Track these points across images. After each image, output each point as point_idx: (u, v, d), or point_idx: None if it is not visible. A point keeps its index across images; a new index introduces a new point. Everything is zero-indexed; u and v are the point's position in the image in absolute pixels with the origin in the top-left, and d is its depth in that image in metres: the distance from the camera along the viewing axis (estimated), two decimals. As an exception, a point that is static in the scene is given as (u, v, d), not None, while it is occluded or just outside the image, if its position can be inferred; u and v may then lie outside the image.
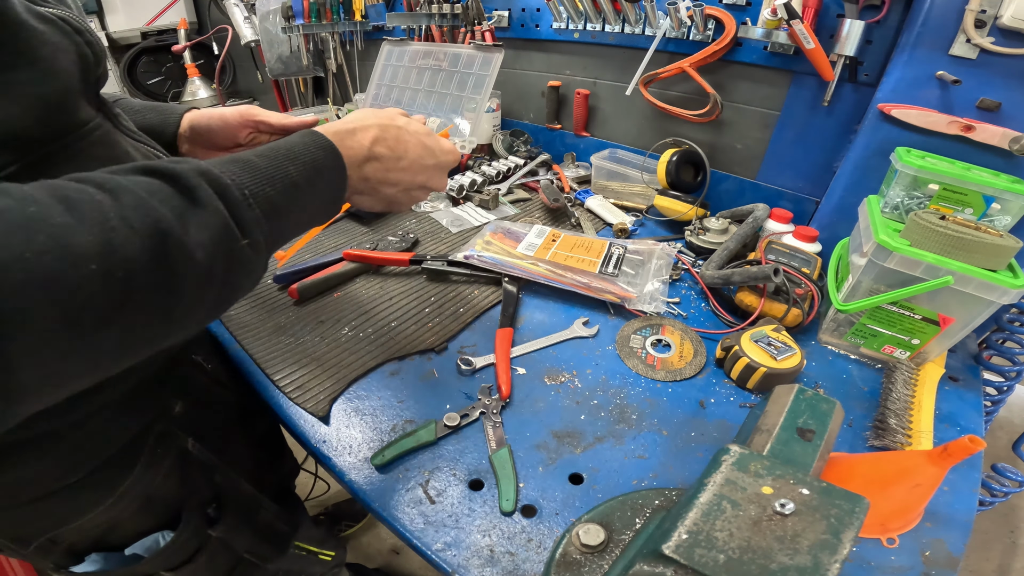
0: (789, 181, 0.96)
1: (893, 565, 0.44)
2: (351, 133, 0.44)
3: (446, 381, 0.61)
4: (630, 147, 1.15)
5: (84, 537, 0.51)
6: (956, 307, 0.59)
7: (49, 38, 0.33)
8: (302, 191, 0.37)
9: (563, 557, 0.41)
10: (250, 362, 0.63)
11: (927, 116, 0.69)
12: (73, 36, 0.36)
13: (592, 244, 0.84)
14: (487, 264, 0.77)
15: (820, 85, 0.84)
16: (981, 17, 0.62)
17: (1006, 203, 0.62)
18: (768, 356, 0.59)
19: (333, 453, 0.52)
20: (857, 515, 0.31)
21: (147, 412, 0.52)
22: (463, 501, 0.48)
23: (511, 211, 1.02)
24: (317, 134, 0.41)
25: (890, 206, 0.68)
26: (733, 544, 0.31)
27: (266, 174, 0.35)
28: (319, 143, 0.40)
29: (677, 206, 0.94)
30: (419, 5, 1.29)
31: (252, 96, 2.11)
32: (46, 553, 0.50)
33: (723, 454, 0.37)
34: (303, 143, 0.39)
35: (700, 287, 0.79)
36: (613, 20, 1.02)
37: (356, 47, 1.50)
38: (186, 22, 1.84)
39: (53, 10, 0.35)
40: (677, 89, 1.02)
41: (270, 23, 1.51)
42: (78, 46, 0.36)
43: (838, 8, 0.78)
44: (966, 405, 0.61)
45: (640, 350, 0.66)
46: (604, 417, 0.57)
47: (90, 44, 0.37)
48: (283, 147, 0.38)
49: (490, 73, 1.09)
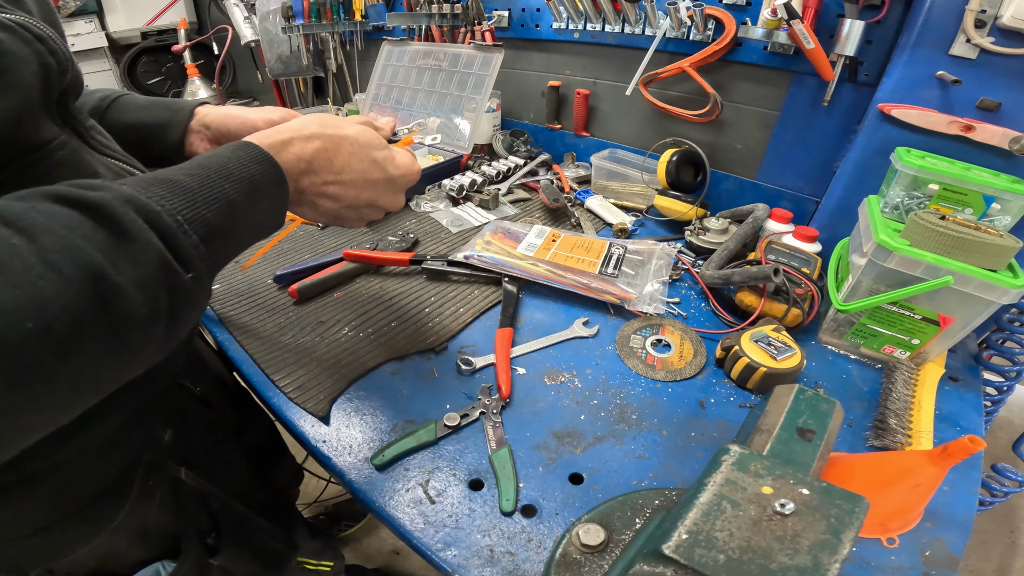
0: (789, 181, 0.96)
1: (893, 565, 0.44)
2: (287, 143, 0.40)
3: (446, 381, 0.61)
4: (630, 147, 1.15)
5: (82, 568, 0.50)
6: (956, 307, 0.59)
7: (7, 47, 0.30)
8: (241, 210, 0.34)
9: (563, 557, 0.41)
10: (250, 362, 0.63)
11: (927, 116, 0.69)
12: (34, 44, 0.32)
13: (592, 244, 0.84)
14: (487, 264, 0.77)
15: (820, 85, 0.84)
16: (981, 17, 0.62)
17: (1006, 203, 0.62)
18: (768, 356, 0.59)
19: (333, 453, 0.52)
20: (857, 515, 0.31)
21: (135, 444, 0.50)
22: (463, 501, 0.48)
23: (511, 211, 1.02)
24: (252, 146, 0.38)
25: (890, 206, 0.68)
26: (733, 544, 0.31)
27: (200, 195, 0.32)
28: (255, 156, 0.37)
29: (677, 206, 0.94)
30: (419, 5, 1.29)
31: (252, 96, 2.11)
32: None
33: (723, 454, 0.37)
34: (237, 157, 0.36)
35: (700, 287, 0.79)
36: (613, 20, 1.02)
37: (356, 47, 1.50)
38: (186, 22, 1.85)
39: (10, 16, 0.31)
40: (677, 89, 1.02)
41: (270, 23, 1.51)
42: (40, 55, 0.32)
43: (838, 8, 0.78)
44: (966, 405, 0.61)
45: (640, 350, 0.66)
46: (604, 417, 0.57)
47: (53, 52, 0.33)
48: (215, 163, 0.35)
49: (490, 73, 1.09)
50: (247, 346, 0.65)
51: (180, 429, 0.56)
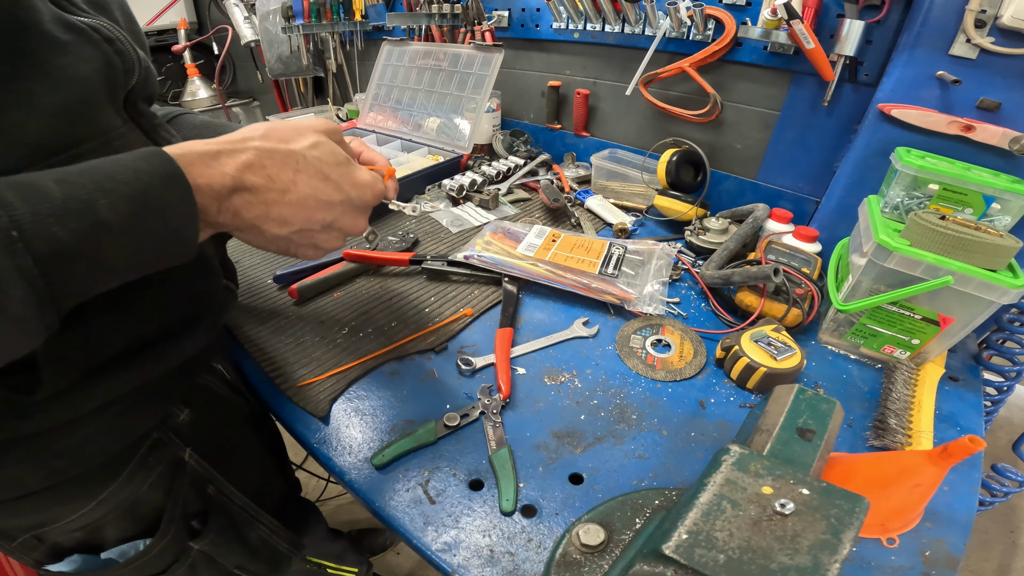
0: (789, 181, 0.96)
1: (893, 565, 0.44)
2: (214, 156, 0.35)
3: (446, 381, 0.61)
4: (630, 147, 1.15)
5: (68, 537, 0.50)
6: (956, 307, 0.59)
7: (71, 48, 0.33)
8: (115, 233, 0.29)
9: (563, 557, 0.41)
10: (250, 362, 0.63)
11: (927, 116, 0.69)
12: (102, 45, 0.35)
13: (592, 244, 0.84)
14: (487, 264, 0.77)
15: (820, 85, 0.84)
16: (981, 17, 0.62)
17: (1006, 203, 0.62)
18: (768, 356, 0.59)
19: (333, 453, 0.52)
20: (857, 515, 0.31)
21: (145, 420, 0.50)
22: (463, 501, 0.48)
23: (511, 211, 1.02)
24: (162, 156, 0.32)
25: (890, 206, 0.68)
26: (733, 544, 0.31)
27: (61, 206, 0.27)
28: (158, 170, 0.32)
29: (677, 206, 0.94)
30: (419, 5, 1.29)
31: (252, 96, 2.11)
32: (30, 550, 0.49)
33: (723, 454, 0.37)
34: (134, 168, 0.31)
35: (700, 287, 0.79)
36: (613, 20, 1.02)
37: (356, 47, 1.50)
38: (186, 22, 1.85)
39: (84, 19, 0.35)
40: (677, 89, 1.02)
41: (270, 23, 1.51)
42: (105, 54, 0.36)
43: (838, 8, 0.78)
44: (966, 405, 0.61)
45: (640, 350, 0.66)
46: (604, 417, 0.57)
47: (120, 53, 0.37)
48: (101, 173, 0.30)
49: (490, 73, 1.09)
50: (247, 346, 0.65)
51: (199, 410, 0.55)
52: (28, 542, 0.48)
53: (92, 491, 0.48)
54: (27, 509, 0.46)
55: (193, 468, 0.55)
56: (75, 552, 0.52)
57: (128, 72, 0.38)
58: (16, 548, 0.48)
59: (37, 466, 0.43)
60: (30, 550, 0.49)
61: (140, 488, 0.51)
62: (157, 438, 0.51)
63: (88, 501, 0.48)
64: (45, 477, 0.44)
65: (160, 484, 0.52)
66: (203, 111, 1.92)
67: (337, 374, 0.60)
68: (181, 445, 0.54)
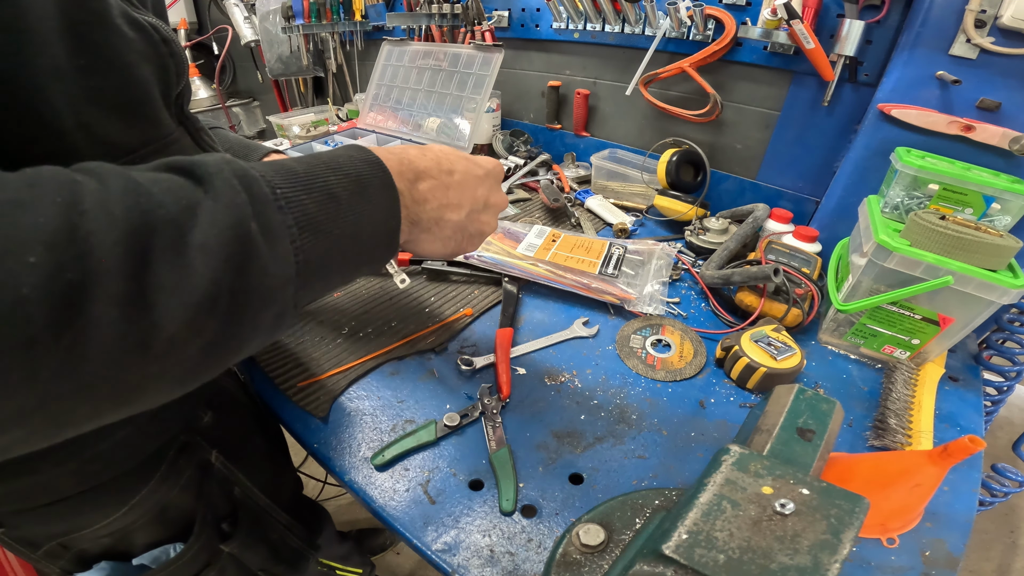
0: (789, 181, 0.96)
1: (893, 565, 0.44)
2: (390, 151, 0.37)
3: (446, 381, 0.61)
4: (630, 147, 1.15)
5: (95, 544, 0.50)
6: (956, 307, 0.59)
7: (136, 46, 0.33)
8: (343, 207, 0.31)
9: (563, 557, 0.41)
10: (250, 362, 0.63)
11: (927, 116, 0.69)
12: (160, 46, 0.35)
13: (592, 244, 0.84)
14: (487, 264, 0.77)
15: (820, 85, 0.84)
16: (981, 17, 0.62)
17: (1006, 203, 0.62)
18: (768, 356, 0.59)
19: (333, 453, 0.52)
20: (857, 515, 0.31)
21: (175, 424, 0.50)
22: (463, 501, 0.48)
23: (511, 211, 1.02)
24: (361, 147, 0.35)
25: (890, 206, 0.68)
26: (733, 544, 0.31)
27: (303, 180, 0.29)
28: (363, 156, 0.35)
29: (677, 206, 0.94)
30: (419, 5, 1.29)
31: (252, 96, 2.11)
32: (56, 557, 0.49)
33: (723, 454, 0.37)
34: (347, 155, 0.34)
35: (700, 287, 0.79)
36: (613, 20, 1.02)
37: (356, 47, 1.50)
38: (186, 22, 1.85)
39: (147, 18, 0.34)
40: (677, 89, 1.02)
41: (270, 23, 1.51)
42: (162, 57, 0.35)
43: (838, 8, 0.78)
44: (966, 405, 0.61)
45: (640, 350, 0.66)
46: (604, 417, 0.57)
47: (174, 55, 0.37)
48: (324, 156, 0.33)
49: (490, 73, 1.09)
50: (247, 346, 0.65)
51: (219, 412, 0.56)
52: (54, 550, 0.48)
53: (124, 496, 0.48)
54: (57, 515, 0.46)
55: (219, 470, 0.55)
56: (102, 559, 0.51)
57: (180, 75, 0.38)
58: (41, 556, 0.48)
59: (71, 471, 0.43)
60: (56, 558, 0.49)
61: (171, 492, 0.51)
62: (185, 441, 0.51)
63: (120, 506, 0.48)
64: (78, 482, 0.44)
65: (190, 487, 0.52)
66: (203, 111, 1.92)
67: (337, 374, 0.60)
68: (207, 447, 0.54)
